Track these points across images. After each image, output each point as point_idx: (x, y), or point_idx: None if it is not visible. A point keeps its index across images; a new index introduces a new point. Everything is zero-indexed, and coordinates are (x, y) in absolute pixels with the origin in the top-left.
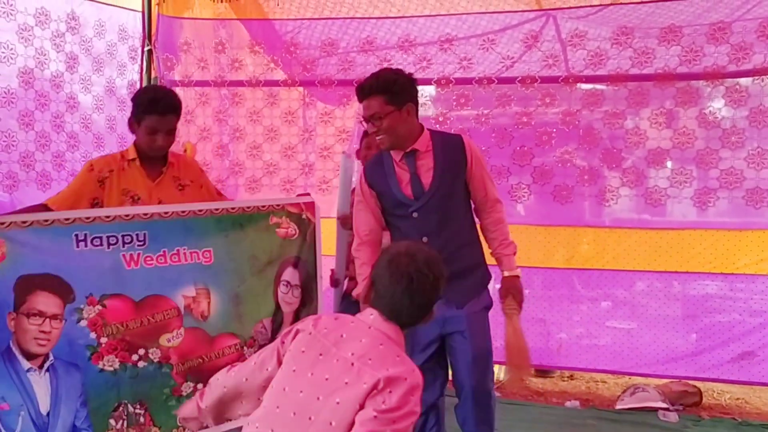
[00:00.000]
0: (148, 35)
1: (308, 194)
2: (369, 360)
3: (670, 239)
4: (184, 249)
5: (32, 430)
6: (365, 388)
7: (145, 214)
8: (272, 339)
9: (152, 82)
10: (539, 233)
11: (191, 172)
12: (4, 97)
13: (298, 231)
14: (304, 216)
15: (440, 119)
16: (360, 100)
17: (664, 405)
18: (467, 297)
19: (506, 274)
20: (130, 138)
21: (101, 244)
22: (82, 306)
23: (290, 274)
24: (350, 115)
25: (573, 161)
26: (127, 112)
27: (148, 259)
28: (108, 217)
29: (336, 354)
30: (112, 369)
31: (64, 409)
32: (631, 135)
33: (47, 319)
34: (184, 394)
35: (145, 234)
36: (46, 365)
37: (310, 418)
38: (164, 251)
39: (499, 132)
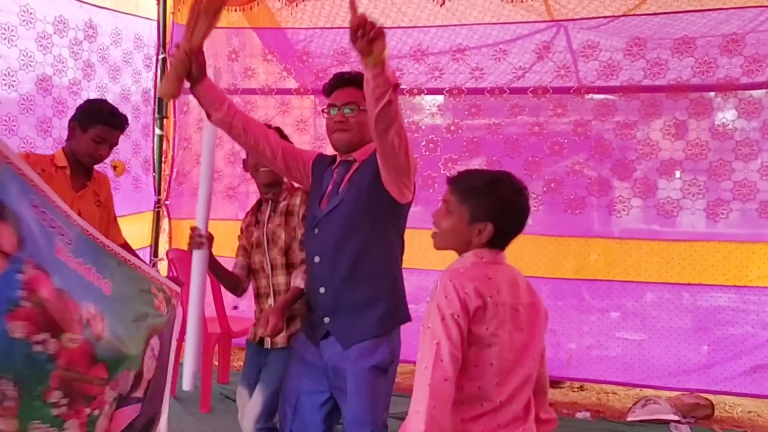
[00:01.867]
0: (162, 43)
1: (180, 282)
2: None
3: (681, 251)
4: (94, 270)
5: None
6: None
7: (74, 221)
8: (128, 394)
9: None
10: (549, 243)
11: (105, 192)
12: (22, 104)
13: (165, 311)
14: (173, 302)
15: (451, 128)
16: (335, 88)
17: (676, 417)
18: (355, 337)
19: None
20: (144, 145)
21: (45, 222)
22: (24, 260)
23: (155, 344)
24: None
25: (584, 172)
26: (142, 120)
27: (71, 259)
28: (53, 202)
29: None
30: (15, 336)
31: None
32: (643, 146)
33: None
34: (49, 401)
35: (72, 237)
36: None
37: None
38: (81, 260)
39: (510, 142)
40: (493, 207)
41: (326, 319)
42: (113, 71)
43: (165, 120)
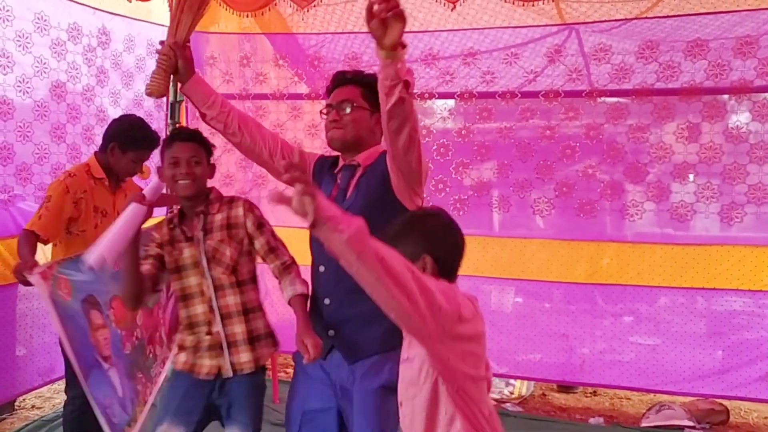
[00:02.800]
0: None
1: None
2: None
3: (695, 255)
4: None
5: (121, 412)
6: None
7: None
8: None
9: (178, 96)
10: (561, 247)
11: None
12: (37, 110)
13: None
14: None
15: (463, 132)
16: (334, 88)
17: (691, 423)
18: (361, 352)
19: None
20: (156, 150)
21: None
22: (107, 312)
23: None
24: None
25: (596, 175)
26: (154, 125)
27: None
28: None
29: None
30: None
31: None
32: (656, 149)
33: (101, 329)
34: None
35: None
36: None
37: None
38: None
39: (522, 146)
40: (419, 240)
41: (331, 332)
42: (126, 77)
43: (177, 126)
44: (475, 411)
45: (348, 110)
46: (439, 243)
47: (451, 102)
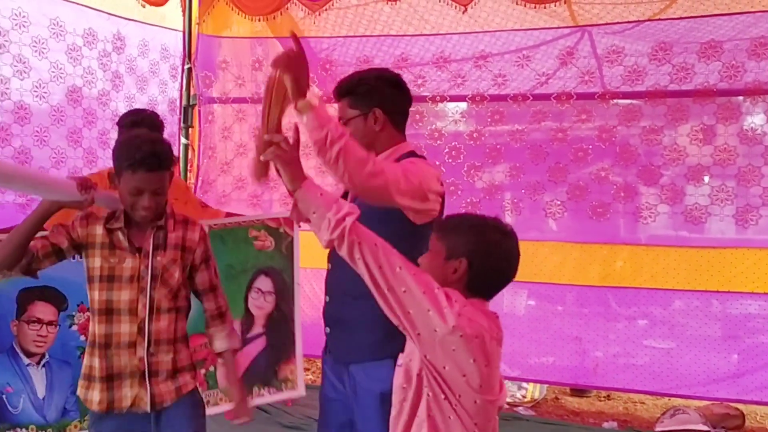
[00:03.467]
0: (188, 54)
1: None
2: None
3: (710, 258)
4: None
5: (31, 410)
6: None
7: None
8: (243, 337)
9: (191, 100)
10: (574, 250)
11: (177, 191)
12: (53, 115)
13: (274, 243)
14: (281, 230)
15: (474, 135)
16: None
17: (706, 428)
18: (352, 355)
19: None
20: None
21: None
22: (73, 313)
23: (262, 282)
24: None
25: (609, 178)
26: (168, 129)
27: None
28: None
29: None
30: None
31: (57, 396)
32: (670, 151)
33: (44, 325)
34: None
35: None
36: (42, 362)
37: None
38: None
39: (534, 148)
40: (468, 243)
41: (327, 329)
42: (141, 82)
43: (191, 129)
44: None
45: (345, 127)
46: (486, 258)
47: (462, 105)
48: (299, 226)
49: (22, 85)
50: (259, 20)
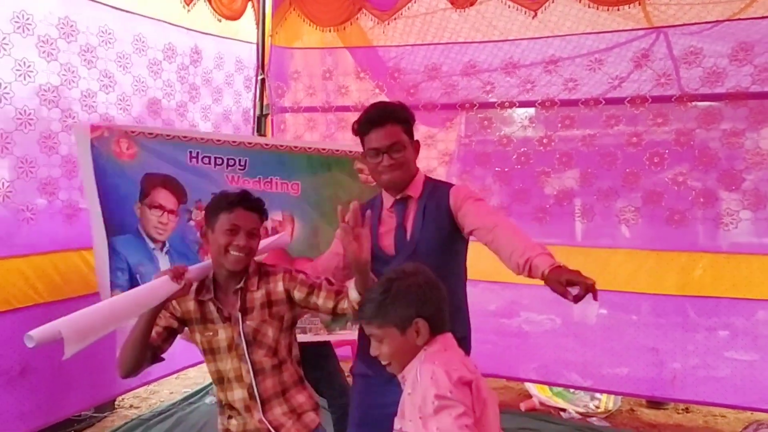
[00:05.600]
0: (261, 65)
1: None
2: None
3: None
4: (277, 179)
5: None
6: None
7: (249, 143)
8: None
9: (264, 110)
10: (650, 258)
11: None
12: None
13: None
14: None
15: (544, 141)
16: (370, 130)
17: None
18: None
19: (547, 271)
20: None
21: (209, 163)
22: (192, 208)
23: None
24: (452, 137)
25: (687, 183)
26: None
27: (246, 182)
28: (219, 140)
29: None
30: None
31: None
32: (752, 155)
33: (165, 212)
34: None
35: (246, 160)
36: (164, 249)
37: None
38: (260, 178)
39: (606, 154)
40: (407, 304)
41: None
42: (216, 93)
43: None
44: None
45: (399, 153)
46: (426, 302)
47: (531, 110)
48: None
49: (108, 99)
50: (330, 31)
